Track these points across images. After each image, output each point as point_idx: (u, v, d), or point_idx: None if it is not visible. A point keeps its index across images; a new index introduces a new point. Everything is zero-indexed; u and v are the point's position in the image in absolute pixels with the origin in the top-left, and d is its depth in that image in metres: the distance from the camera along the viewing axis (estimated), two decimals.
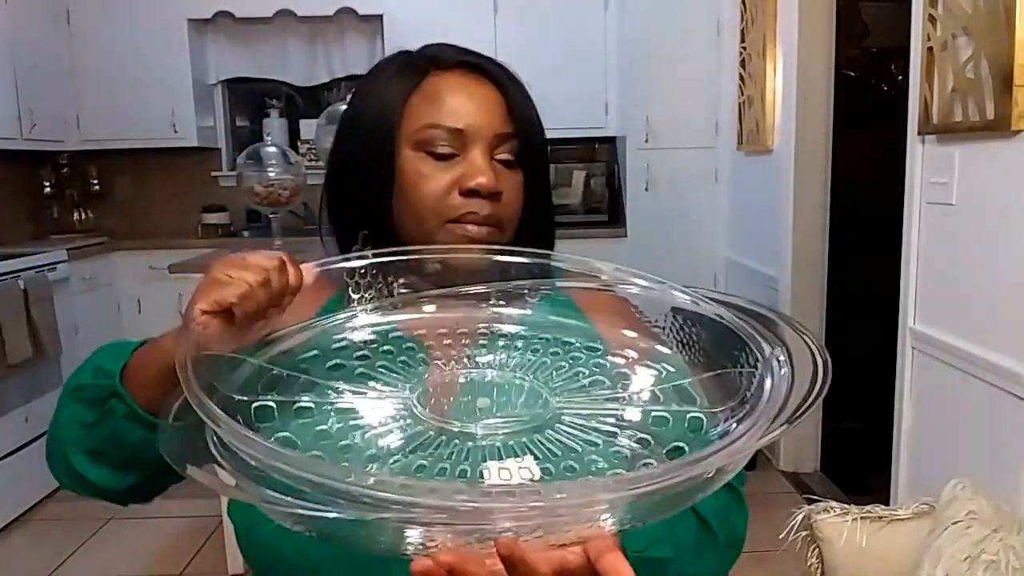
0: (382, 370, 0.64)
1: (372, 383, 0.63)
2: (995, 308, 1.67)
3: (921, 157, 1.93)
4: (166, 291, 3.75)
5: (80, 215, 4.26)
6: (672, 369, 0.65)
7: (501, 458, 0.55)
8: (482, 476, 0.54)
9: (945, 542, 1.29)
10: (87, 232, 4.13)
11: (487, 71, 0.78)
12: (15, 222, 3.97)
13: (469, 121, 0.75)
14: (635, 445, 0.57)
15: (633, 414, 0.61)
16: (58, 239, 3.86)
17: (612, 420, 0.60)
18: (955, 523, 1.31)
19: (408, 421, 0.58)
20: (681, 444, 0.56)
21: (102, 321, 3.71)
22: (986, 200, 1.70)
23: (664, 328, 0.68)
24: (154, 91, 3.98)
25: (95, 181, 4.28)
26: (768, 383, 0.53)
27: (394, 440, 0.57)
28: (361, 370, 0.64)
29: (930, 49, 1.82)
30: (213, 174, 4.42)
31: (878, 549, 1.43)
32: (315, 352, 0.65)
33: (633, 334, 0.69)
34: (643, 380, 0.65)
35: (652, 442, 0.57)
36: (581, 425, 0.59)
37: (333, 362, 0.65)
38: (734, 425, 0.53)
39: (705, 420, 0.58)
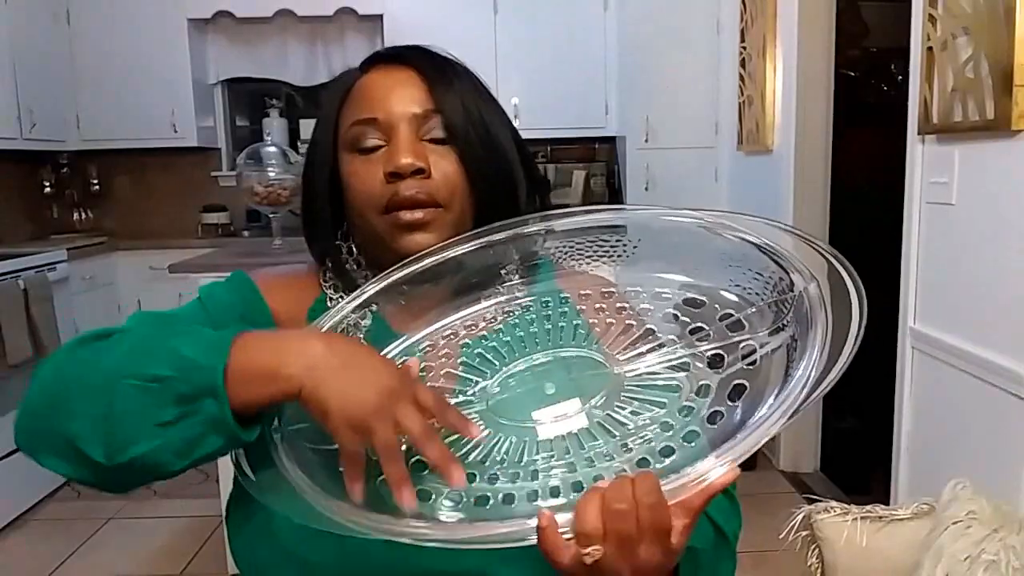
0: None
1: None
2: (995, 308, 1.67)
3: (921, 157, 1.93)
4: (166, 291, 3.75)
5: (80, 215, 4.26)
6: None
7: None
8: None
9: (945, 542, 1.29)
10: (87, 232, 4.13)
11: (405, 58, 0.78)
12: (15, 222, 3.97)
13: (386, 109, 0.75)
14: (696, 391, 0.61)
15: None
16: (58, 239, 3.87)
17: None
18: (955, 523, 1.31)
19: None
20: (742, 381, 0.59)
21: (102, 321, 3.70)
22: (986, 200, 1.70)
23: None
24: (154, 91, 3.99)
25: (95, 181, 4.28)
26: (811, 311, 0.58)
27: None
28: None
29: (930, 49, 1.82)
30: (213, 174, 4.42)
31: (878, 549, 1.43)
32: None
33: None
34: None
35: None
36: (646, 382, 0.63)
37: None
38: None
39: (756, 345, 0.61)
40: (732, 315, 0.62)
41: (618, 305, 0.71)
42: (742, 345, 0.60)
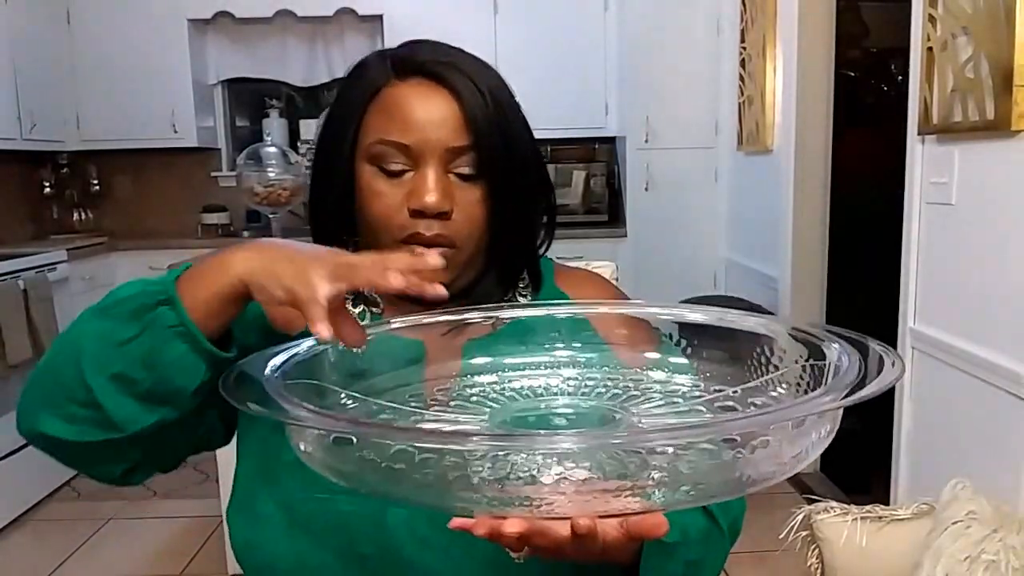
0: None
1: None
2: (995, 308, 1.67)
3: (921, 157, 1.93)
4: None
5: (80, 215, 4.26)
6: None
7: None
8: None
9: (945, 542, 1.29)
10: (87, 232, 4.13)
11: (445, 79, 0.73)
12: (15, 222, 3.97)
13: (419, 136, 0.72)
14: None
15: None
16: (58, 239, 3.86)
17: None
18: (955, 523, 1.31)
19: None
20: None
21: None
22: (986, 200, 1.70)
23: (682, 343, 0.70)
24: (154, 91, 3.98)
25: (95, 181, 4.27)
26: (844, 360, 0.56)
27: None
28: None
29: (930, 49, 1.82)
30: (213, 174, 4.42)
31: (878, 549, 1.43)
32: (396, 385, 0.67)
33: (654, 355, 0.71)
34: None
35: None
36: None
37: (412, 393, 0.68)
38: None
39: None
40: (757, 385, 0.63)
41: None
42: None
